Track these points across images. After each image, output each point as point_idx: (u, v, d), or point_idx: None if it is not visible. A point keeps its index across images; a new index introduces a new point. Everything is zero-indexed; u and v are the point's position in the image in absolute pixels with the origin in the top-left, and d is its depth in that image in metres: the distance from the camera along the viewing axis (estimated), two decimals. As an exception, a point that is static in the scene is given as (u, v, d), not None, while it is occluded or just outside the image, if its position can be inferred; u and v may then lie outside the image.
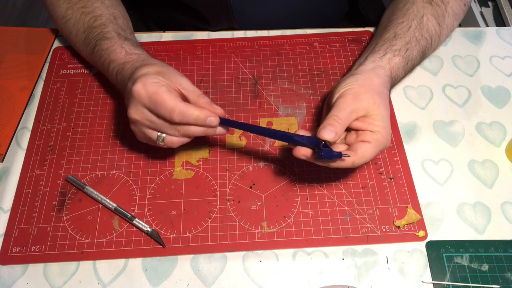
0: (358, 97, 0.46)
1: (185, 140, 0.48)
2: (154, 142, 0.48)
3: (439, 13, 0.56)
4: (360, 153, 0.44)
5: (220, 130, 0.47)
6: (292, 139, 0.45)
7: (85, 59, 0.61)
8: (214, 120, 0.45)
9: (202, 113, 0.44)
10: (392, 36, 0.54)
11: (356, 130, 0.46)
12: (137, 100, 0.45)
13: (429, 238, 0.49)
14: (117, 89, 0.55)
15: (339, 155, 0.42)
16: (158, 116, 0.45)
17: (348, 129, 0.47)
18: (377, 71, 0.49)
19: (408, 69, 0.54)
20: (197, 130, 0.46)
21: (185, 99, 0.46)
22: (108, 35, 0.54)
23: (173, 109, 0.43)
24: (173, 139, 0.47)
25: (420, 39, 0.54)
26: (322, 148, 0.42)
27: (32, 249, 0.48)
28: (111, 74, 0.53)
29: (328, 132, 0.43)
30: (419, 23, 0.54)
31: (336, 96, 0.47)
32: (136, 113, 0.46)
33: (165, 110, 0.44)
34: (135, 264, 0.48)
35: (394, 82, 0.52)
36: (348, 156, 0.43)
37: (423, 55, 0.56)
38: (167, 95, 0.44)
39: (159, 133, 0.47)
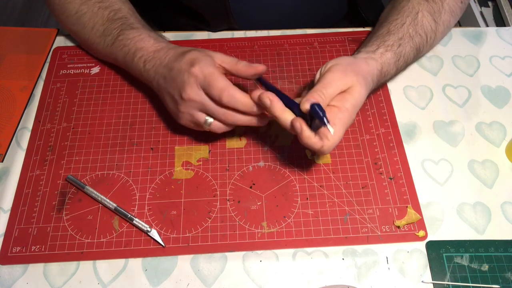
0: (345, 73, 0.46)
1: (229, 128, 0.50)
2: (200, 126, 0.50)
3: (435, 9, 0.56)
4: (330, 138, 0.43)
5: (263, 123, 0.49)
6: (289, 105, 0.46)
7: (98, 52, 0.60)
8: (268, 101, 0.45)
9: (250, 102, 0.46)
10: (386, 32, 0.54)
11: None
12: (195, 81, 0.47)
13: (429, 238, 0.49)
14: (137, 79, 0.56)
15: (324, 121, 0.42)
16: (210, 97, 0.47)
17: None
18: (368, 60, 0.50)
19: (400, 66, 0.54)
20: (242, 119, 0.48)
21: (227, 72, 0.49)
22: (134, 25, 0.55)
23: (223, 90, 0.45)
24: (220, 125, 0.49)
25: (414, 36, 0.54)
26: (317, 104, 0.42)
27: (32, 249, 0.48)
28: (137, 63, 0.54)
29: (310, 99, 0.43)
30: (413, 20, 0.55)
31: (324, 69, 0.48)
32: (192, 92, 0.47)
33: (216, 91, 0.46)
34: (135, 264, 0.48)
35: (383, 78, 0.52)
36: (331, 130, 0.43)
37: (418, 52, 0.56)
38: (220, 77, 0.46)
39: (206, 117, 0.49)
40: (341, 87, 0.45)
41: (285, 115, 0.45)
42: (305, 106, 0.42)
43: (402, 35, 0.53)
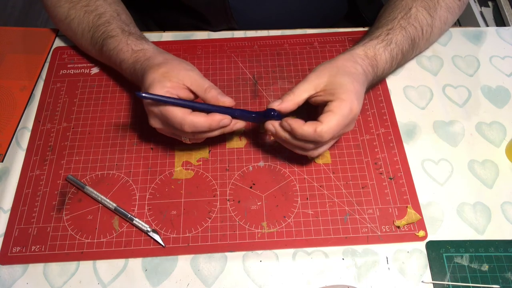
0: (316, 73, 0.48)
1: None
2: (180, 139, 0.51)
3: (430, 5, 0.56)
4: (324, 121, 0.44)
5: (239, 125, 0.49)
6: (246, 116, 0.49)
7: (94, 57, 0.61)
8: (226, 121, 0.46)
9: (214, 122, 0.46)
10: (375, 28, 0.55)
11: (323, 104, 0.47)
12: (154, 115, 0.47)
13: (429, 238, 0.49)
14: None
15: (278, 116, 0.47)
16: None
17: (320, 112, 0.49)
18: (345, 52, 0.51)
19: (395, 52, 0.53)
20: (213, 134, 0.48)
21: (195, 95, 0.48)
22: (113, 32, 0.54)
23: (182, 123, 0.45)
24: (200, 139, 0.50)
25: (407, 26, 0.54)
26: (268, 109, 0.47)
27: (32, 249, 0.48)
28: (125, 73, 0.55)
29: (275, 102, 0.47)
30: (405, 14, 0.55)
31: None
32: (156, 123, 0.49)
33: (176, 125, 0.46)
34: (135, 264, 0.48)
35: (375, 61, 0.52)
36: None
37: (414, 43, 0.56)
38: (174, 111, 0.45)
39: (182, 138, 0.49)
40: (311, 81, 0.47)
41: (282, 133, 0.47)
42: (271, 104, 0.47)
43: (392, 26, 0.54)
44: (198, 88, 0.47)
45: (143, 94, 0.45)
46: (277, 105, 0.46)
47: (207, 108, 0.47)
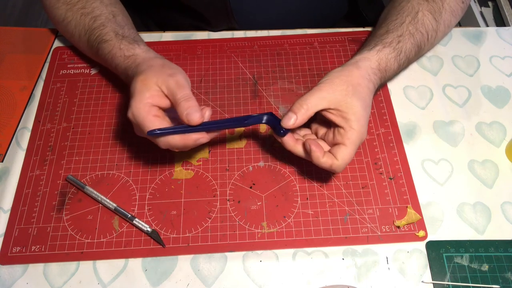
0: (331, 86, 0.46)
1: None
2: None
3: (436, 9, 0.56)
4: (339, 157, 0.45)
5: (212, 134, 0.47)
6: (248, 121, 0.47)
7: (93, 59, 0.61)
8: (203, 140, 0.45)
9: (189, 141, 0.44)
10: (384, 32, 0.54)
11: (332, 123, 0.47)
12: (134, 125, 0.47)
13: (429, 238, 0.49)
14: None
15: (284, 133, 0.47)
16: None
17: (328, 125, 0.49)
18: (360, 63, 0.49)
19: (402, 62, 0.53)
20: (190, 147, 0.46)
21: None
22: (107, 37, 0.54)
23: (156, 141, 0.45)
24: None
25: (415, 33, 0.54)
26: (278, 126, 0.46)
27: (32, 249, 0.48)
28: (122, 77, 0.54)
29: (289, 120, 0.45)
30: (413, 18, 0.55)
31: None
32: (138, 132, 0.48)
33: (152, 141, 0.46)
34: (135, 264, 0.48)
35: (385, 73, 0.51)
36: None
37: (419, 50, 0.55)
38: (151, 124, 0.44)
39: None
40: (325, 96, 0.46)
41: (298, 148, 0.47)
42: (284, 123, 0.46)
43: (401, 33, 0.53)
44: (172, 99, 0.45)
45: (158, 132, 0.44)
46: (291, 124, 0.45)
47: (203, 130, 0.45)
